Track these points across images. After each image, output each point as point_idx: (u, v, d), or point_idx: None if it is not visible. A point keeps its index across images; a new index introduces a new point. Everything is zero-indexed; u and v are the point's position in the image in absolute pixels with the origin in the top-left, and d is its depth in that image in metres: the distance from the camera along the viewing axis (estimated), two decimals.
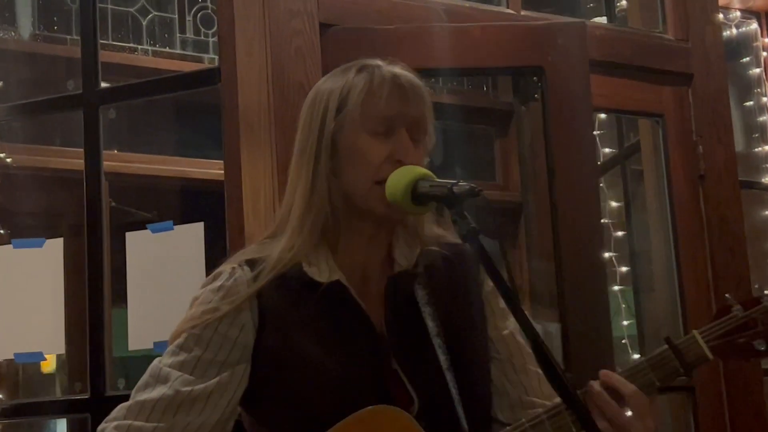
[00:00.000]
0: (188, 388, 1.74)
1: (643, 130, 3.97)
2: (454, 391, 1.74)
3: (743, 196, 4.00)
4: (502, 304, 1.88)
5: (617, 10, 4.23)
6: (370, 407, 1.71)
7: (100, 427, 1.76)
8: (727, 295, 1.81)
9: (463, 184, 1.62)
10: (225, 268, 1.84)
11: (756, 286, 4.02)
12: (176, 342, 1.79)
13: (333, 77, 1.89)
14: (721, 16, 4.31)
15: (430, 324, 1.79)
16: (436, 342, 1.78)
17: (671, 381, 1.76)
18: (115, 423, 1.75)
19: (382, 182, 1.76)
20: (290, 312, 1.79)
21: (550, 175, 3.28)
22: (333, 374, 1.75)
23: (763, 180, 4.82)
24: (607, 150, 4.77)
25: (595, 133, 4.78)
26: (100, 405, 3.06)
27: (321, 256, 1.81)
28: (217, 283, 1.81)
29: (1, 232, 3.60)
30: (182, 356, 1.77)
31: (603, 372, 1.74)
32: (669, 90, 3.75)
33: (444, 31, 3.22)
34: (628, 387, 1.71)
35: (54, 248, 3.26)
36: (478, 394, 1.84)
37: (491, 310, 1.91)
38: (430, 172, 1.72)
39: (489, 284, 1.91)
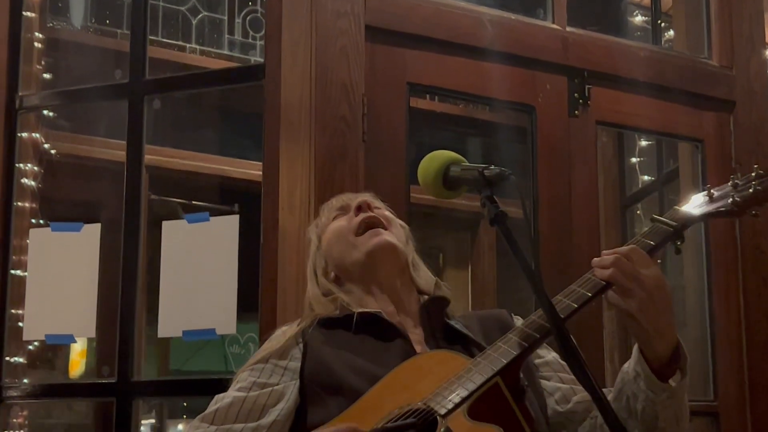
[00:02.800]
0: (243, 394, 1.95)
1: (683, 155, 3.97)
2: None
3: None
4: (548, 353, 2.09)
5: (664, 40, 4.24)
6: (429, 352, 1.90)
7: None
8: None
9: (494, 168, 1.64)
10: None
11: None
12: (236, 380, 2.03)
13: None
14: None
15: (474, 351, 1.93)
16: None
17: (665, 242, 1.90)
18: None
19: (357, 233, 2.12)
20: (327, 339, 2.00)
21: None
22: (372, 377, 1.85)
23: None
24: (646, 177, 4.77)
25: (634, 160, 4.80)
26: (126, 389, 3.10)
27: (354, 298, 2.11)
28: (272, 336, 2.13)
29: (41, 222, 3.64)
30: (238, 384, 1.99)
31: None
32: (711, 115, 3.74)
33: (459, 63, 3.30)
34: (622, 249, 1.83)
35: (91, 233, 3.30)
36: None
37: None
38: (460, 156, 1.74)
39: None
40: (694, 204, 2.00)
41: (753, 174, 2.02)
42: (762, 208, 1.99)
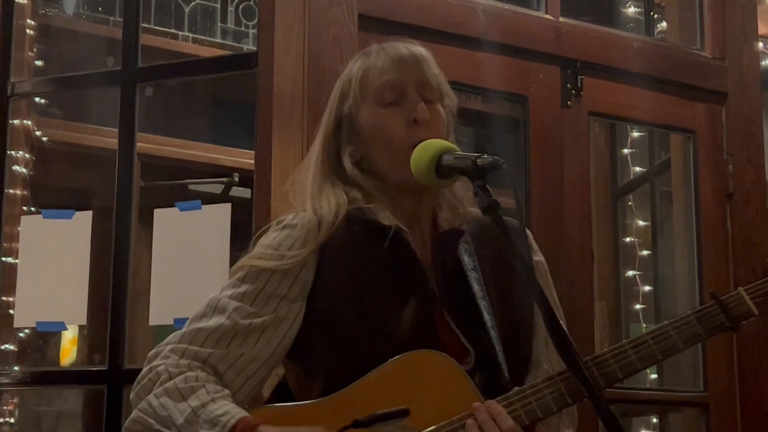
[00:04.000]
0: (247, 321, 1.78)
1: (675, 146, 3.98)
2: (498, 348, 1.78)
3: None
4: (548, 279, 1.99)
5: (657, 32, 4.24)
6: (414, 351, 1.75)
7: (153, 351, 1.81)
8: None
9: (487, 157, 1.65)
10: (288, 215, 1.90)
11: None
12: (237, 275, 1.84)
13: (348, 65, 2.01)
14: (761, 45, 4.32)
15: (476, 286, 1.83)
16: (481, 303, 1.82)
17: (715, 334, 1.80)
18: (171, 346, 1.79)
19: (412, 147, 1.81)
20: (351, 252, 1.84)
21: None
22: (388, 319, 1.79)
23: None
24: (637, 168, 4.78)
25: (626, 151, 4.81)
26: (118, 377, 3.10)
27: (379, 206, 1.87)
28: (283, 223, 1.88)
29: (32, 209, 3.63)
30: (243, 288, 1.81)
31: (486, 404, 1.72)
32: (702, 107, 3.75)
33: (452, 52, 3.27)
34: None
35: (83, 221, 3.30)
36: (521, 354, 1.88)
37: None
38: (453, 145, 1.75)
39: (536, 257, 1.98)
40: (761, 292, 1.80)
41: None
42: None
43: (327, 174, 1.92)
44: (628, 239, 4.82)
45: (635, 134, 4.75)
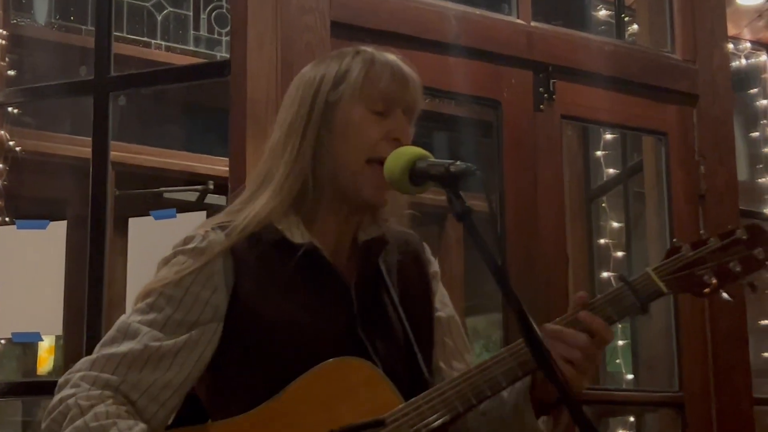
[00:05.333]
0: (157, 344, 1.72)
1: (647, 148, 4.00)
2: (419, 357, 1.81)
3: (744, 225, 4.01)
4: (441, 286, 1.98)
5: (627, 34, 4.27)
6: (333, 359, 1.74)
7: (64, 378, 1.73)
8: (674, 239, 1.89)
9: (461, 164, 1.64)
10: (197, 231, 1.83)
11: None
12: (146, 300, 1.77)
13: (326, 60, 1.93)
14: (731, 46, 4.36)
15: (394, 296, 1.85)
16: (394, 315, 1.84)
17: (626, 315, 1.81)
18: (82, 373, 1.72)
19: (373, 161, 1.80)
20: (264, 271, 1.79)
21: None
22: (306, 333, 1.77)
23: (765, 210, 4.84)
24: (611, 170, 4.80)
25: (599, 153, 4.83)
26: None
27: (293, 223, 1.82)
28: (190, 246, 1.80)
29: (6, 219, 3.62)
30: (152, 315, 1.74)
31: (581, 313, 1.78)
32: (674, 109, 3.78)
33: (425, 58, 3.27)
34: (596, 327, 1.76)
35: (57, 231, 3.30)
36: (428, 366, 1.88)
37: (433, 292, 1.96)
38: (427, 152, 1.75)
39: (433, 267, 1.99)
40: (668, 270, 1.82)
41: (733, 237, 1.82)
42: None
43: (303, 154, 1.83)
44: (602, 241, 4.84)
45: (608, 136, 4.77)
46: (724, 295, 1.82)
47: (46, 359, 5.01)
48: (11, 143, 3.71)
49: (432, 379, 1.87)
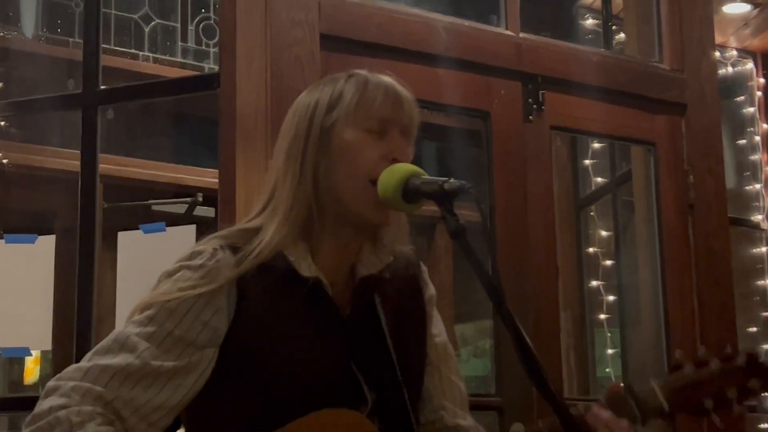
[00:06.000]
0: (157, 363, 1.68)
1: (636, 158, 4.01)
2: (405, 396, 1.79)
3: (733, 233, 4.04)
4: (436, 312, 1.96)
5: (615, 42, 4.28)
6: (325, 410, 1.72)
7: (53, 383, 1.68)
8: (677, 351, 1.85)
9: (454, 182, 1.64)
10: (205, 247, 1.79)
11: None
12: (146, 313, 1.73)
13: (319, 86, 1.90)
14: (717, 54, 4.37)
15: (385, 329, 1.83)
16: (386, 346, 1.82)
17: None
18: (73, 384, 1.66)
19: (375, 181, 1.77)
20: (270, 302, 1.77)
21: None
22: (300, 366, 1.75)
23: (752, 218, 4.86)
24: (599, 179, 4.81)
25: (587, 162, 4.85)
26: None
27: (301, 252, 1.80)
28: (198, 262, 1.76)
29: None
30: (151, 328, 1.70)
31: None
32: (662, 119, 3.79)
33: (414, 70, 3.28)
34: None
35: (46, 245, 3.28)
36: (417, 395, 1.88)
37: (429, 316, 1.95)
38: (420, 169, 1.75)
39: (429, 291, 1.97)
40: (671, 387, 1.80)
41: (733, 364, 1.82)
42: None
43: (304, 181, 1.81)
44: (591, 249, 4.86)
45: (596, 145, 4.79)
46: (716, 419, 1.80)
47: (32, 370, 4.99)
48: None
49: (420, 406, 1.87)
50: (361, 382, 1.79)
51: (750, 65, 4.97)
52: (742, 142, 4.98)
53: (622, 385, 1.83)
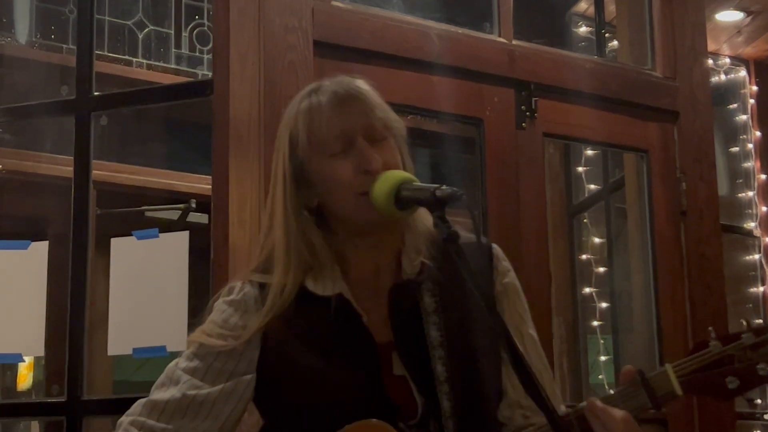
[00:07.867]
0: (194, 392, 1.83)
1: (628, 165, 4.02)
2: (447, 404, 1.78)
3: (726, 240, 4.05)
4: (519, 304, 1.96)
5: (608, 50, 4.29)
6: (357, 422, 1.75)
7: (120, 420, 1.85)
8: (710, 327, 1.75)
9: (446, 188, 1.65)
10: (237, 282, 1.94)
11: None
12: (191, 349, 1.89)
13: (287, 117, 1.93)
14: (710, 61, 4.38)
15: (434, 334, 1.82)
16: (438, 353, 1.81)
17: (641, 413, 1.72)
18: (131, 419, 1.84)
19: (364, 193, 1.79)
20: (290, 326, 1.85)
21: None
22: (333, 383, 1.80)
23: (745, 225, 4.87)
24: (592, 186, 4.82)
25: (580, 169, 4.85)
26: (77, 408, 3.08)
27: (326, 272, 1.86)
28: (230, 297, 1.91)
29: None
30: (195, 363, 1.86)
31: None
32: (655, 126, 3.80)
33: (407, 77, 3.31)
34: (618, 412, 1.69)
35: (38, 251, 3.27)
36: (482, 397, 1.85)
37: (503, 310, 1.92)
38: (411, 176, 1.75)
39: (505, 278, 1.98)
40: (689, 369, 1.71)
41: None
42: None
43: (290, 228, 1.87)
44: (584, 256, 4.86)
45: (589, 152, 4.80)
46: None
47: (25, 376, 4.98)
48: None
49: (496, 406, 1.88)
50: (412, 389, 1.80)
51: (743, 73, 4.98)
52: (735, 149, 4.98)
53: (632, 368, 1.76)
